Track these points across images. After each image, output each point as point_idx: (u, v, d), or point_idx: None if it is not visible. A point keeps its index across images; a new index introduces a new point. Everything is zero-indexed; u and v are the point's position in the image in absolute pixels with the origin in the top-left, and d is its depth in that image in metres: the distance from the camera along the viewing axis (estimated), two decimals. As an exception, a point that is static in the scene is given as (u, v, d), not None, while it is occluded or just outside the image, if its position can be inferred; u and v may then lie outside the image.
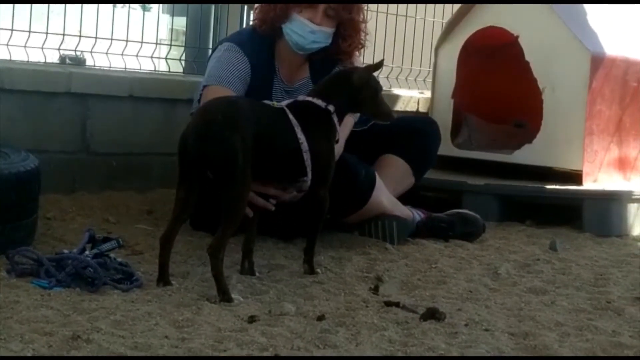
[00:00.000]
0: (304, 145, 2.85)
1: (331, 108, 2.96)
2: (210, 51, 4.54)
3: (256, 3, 3.63)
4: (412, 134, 3.92)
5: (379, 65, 3.11)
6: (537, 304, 2.80)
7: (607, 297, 2.91)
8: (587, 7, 4.84)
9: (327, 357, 2.19)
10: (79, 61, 4.84)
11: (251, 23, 3.78)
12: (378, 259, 3.36)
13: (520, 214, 4.35)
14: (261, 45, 3.61)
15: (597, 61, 4.51)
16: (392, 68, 5.43)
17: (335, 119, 2.97)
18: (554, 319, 2.60)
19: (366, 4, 4.08)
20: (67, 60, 5.16)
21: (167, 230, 2.77)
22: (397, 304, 2.65)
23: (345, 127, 3.43)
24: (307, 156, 2.86)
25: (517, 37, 4.71)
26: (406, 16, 5.55)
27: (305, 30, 3.51)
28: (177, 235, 2.80)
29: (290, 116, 2.87)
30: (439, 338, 2.37)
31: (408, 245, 3.62)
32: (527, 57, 4.68)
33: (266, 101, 2.99)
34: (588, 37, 4.58)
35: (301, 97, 3.01)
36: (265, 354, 2.16)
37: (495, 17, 4.81)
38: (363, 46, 3.75)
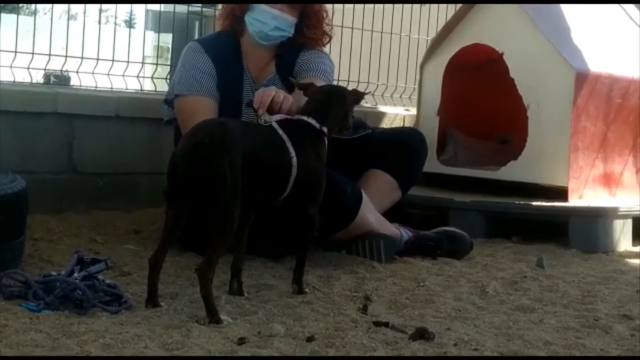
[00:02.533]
0: (294, 161, 2.86)
1: (325, 129, 2.98)
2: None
3: (251, 3, 3.63)
4: (399, 147, 3.92)
5: (366, 93, 3.15)
6: (525, 322, 2.81)
7: (594, 315, 2.92)
8: (571, 23, 4.87)
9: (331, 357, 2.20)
10: (64, 80, 4.85)
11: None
12: (366, 277, 3.36)
13: (507, 230, 4.37)
14: (226, 43, 3.66)
15: (582, 78, 4.54)
16: (377, 85, 5.46)
17: (326, 139, 2.99)
18: (542, 337, 2.61)
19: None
20: (52, 79, 5.18)
21: (156, 252, 2.77)
22: (386, 324, 2.66)
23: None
24: (294, 172, 2.87)
25: (502, 54, 4.74)
26: (391, 33, 5.57)
27: (267, 17, 3.56)
28: (165, 256, 2.79)
29: (280, 132, 2.89)
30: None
31: (396, 264, 3.63)
32: (512, 74, 4.70)
33: (259, 120, 3.00)
34: (572, 53, 4.62)
35: (296, 117, 3.02)
36: (256, 376, 2.16)
37: (480, 34, 4.84)
38: (329, 36, 3.76)
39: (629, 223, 4.22)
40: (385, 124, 5.18)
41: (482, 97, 5.08)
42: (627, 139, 4.81)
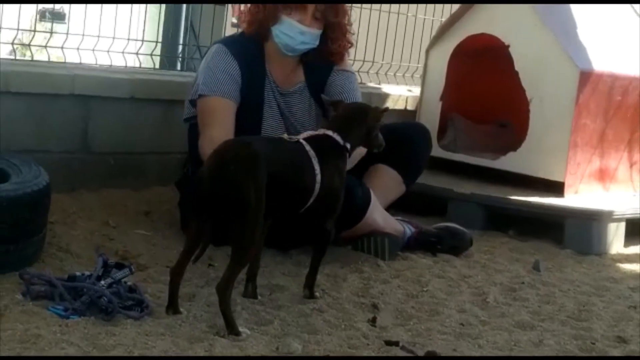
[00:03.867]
0: (318, 178, 2.98)
1: (348, 145, 3.09)
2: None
3: (249, 3, 3.71)
4: (404, 143, 4.02)
5: (386, 109, 3.24)
6: (526, 342, 2.96)
7: (591, 336, 3.07)
8: (577, 18, 4.96)
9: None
10: (60, 16, 4.92)
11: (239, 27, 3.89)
12: (371, 278, 3.50)
13: (504, 223, 4.51)
14: (250, 47, 3.73)
15: (585, 77, 4.65)
16: (381, 64, 5.54)
17: (347, 155, 3.11)
18: (543, 365, 2.77)
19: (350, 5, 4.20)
20: (47, 15, 5.24)
21: (177, 263, 2.88)
22: (396, 344, 2.80)
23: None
24: (317, 187, 2.99)
25: (508, 46, 4.83)
26: (398, 13, 5.63)
27: (295, 32, 3.64)
28: (186, 266, 2.91)
29: (308, 148, 3.00)
30: (438, 386, 2.52)
31: (399, 261, 3.77)
32: (517, 67, 4.80)
33: (283, 136, 3.11)
34: (577, 52, 4.71)
35: (321, 130, 3.12)
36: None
37: (488, 25, 4.92)
38: (352, 45, 3.88)
39: (622, 225, 4.37)
40: (389, 105, 5.26)
41: (485, 83, 5.19)
42: (623, 135, 4.94)
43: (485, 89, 5.20)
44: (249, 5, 3.77)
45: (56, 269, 3.18)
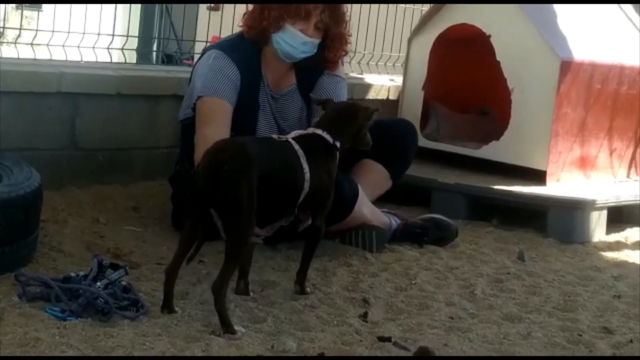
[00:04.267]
0: (307, 176, 3.03)
1: (337, 144, 3.13)
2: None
3: (250, 3, 3.74)
4: (391, 139, 4.08)
5: (377, 110, 3.28)
6: (515, 335, 3.02)
7: (577, 327, 3.14)
8: (558, 8, 5.02)
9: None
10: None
11: (239, 28, 3.89)
12: (360, 271, 3.56)
13: (488, 212, 4.58)
14: (249, 52, 3.75)
15: (566, 66, 4.71)
16: (363, 54, 5.58)
17: (337, 154, 3.15)
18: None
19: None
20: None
21: (172, 262, 2.92)
22: (389, 339, 2.86)
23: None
24: (306, 185, 3.04)
25: (489, 36, 4.89)
26: (380, 3, 5.68)
27: (297, 42, 3.67)
28: (181, 265, 2.95)
29: (297, 147, 3.04)
30: (432, 382, 2.59)
31: (386, 253, 3.82)
32: (498, 57, 4.86)
33: (273, 135, 3.15)
34: (558, 42, 4.77)
35: (310, 130, 3.16)
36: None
37: (469, 16, 4.98)
38: (346, 53, 3.92)
39: (604, 214, 4.44)
40: (371, 96, 5.32)
41: (466, 73, 5.25)
42: (603, 123, 5.01)
43: (467, 78, 5.26)
44: (254, 10, 3.77)
45: (50, 268, 3.21)
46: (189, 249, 2.91)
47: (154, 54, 6.42)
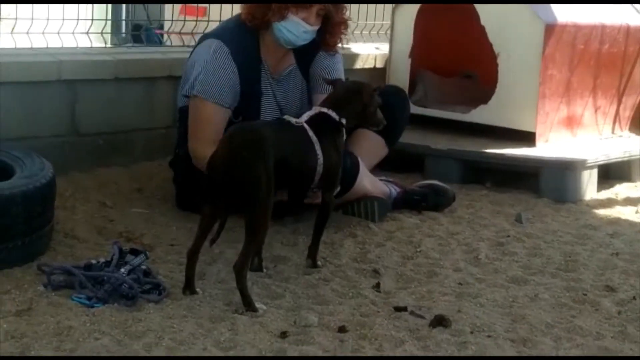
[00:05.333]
0: (320, 161, 3.13)
1: (343, 121, 3.23)
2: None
3: (248, 3, 3.79)
4: (384, 108, 4.17)
5: (380, 87, 3.38)
6: (523, 298, 3.15)
7: (581, 287, 3.27)
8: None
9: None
10: None
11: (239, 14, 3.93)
12: (366, 242, 3.66)
13: (481, 176, 4.70)
14: (248, 39, 3.81)
15: (550, 30, 4.81)
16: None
17: (344, 131, 3.25)
18: (543, 319, 2.95)
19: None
20: None
21: (193, 245, 3.01)
22: (405, 309, 2.97)
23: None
24: (320, 169, 3.15)
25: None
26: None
27: (299, 30, 3.74)
28: (201, 248, 3.04)
29: (311, 133, 3.14)
30: (451, 349, 2.70)
31: (388, 222, 3.93)
32: (483, 22, 4.95)
33: (286, 117, 3.23)
34: (541, 6, 4.86)
35: (317, 109, 3.25)
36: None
37: (453, -18, 5.05)
38: (345, 35, 4.00)
39: (594, 172, 4.57)
40: (359, 65, 5.40)
41: (452, 38, 5.33)
42: (587, 82, 5.12)
43: (452, 44, 5.35)
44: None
45: (68, 256, 3.30)
46: (208, 231, 3.00)
47: (123, 23, 6.47)
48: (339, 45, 3.99)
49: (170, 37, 4.98)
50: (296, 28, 3.73)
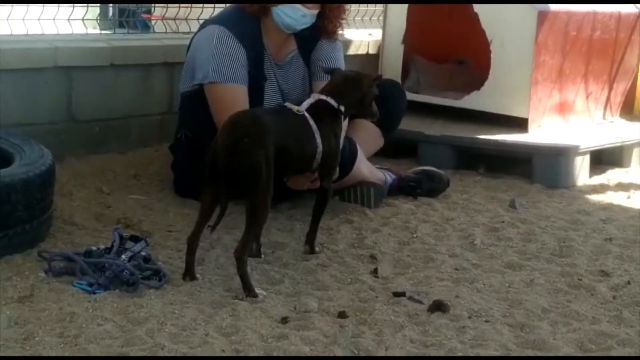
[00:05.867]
0: (319, 149, 3.16)
1: (342, 108, 3.26)
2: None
3: (249, 3, 3.81)
4: (382, 100, 4.19)
5: (379, 77, 3.40)
6: (519, 283, 3.18)
7: (576, 272, 3.31)
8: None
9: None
10: None
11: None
12: (362, 228, 3.70)
13: (474, 162, 4.73)
14: (249, 24, 3.82)
15: (543, 16, 4.84)
16: (341, 10, 5.65)
17: (343, 118, 3.28)
18: (539, 304, 2.99)
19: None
20: None
21: (194, 231, 3.04)
22: (403, 294, 3.01)
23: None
24: (319, 157, 3.19)
25: (466, -11, 5.01)
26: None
27: (298, 14, 3.76)
28: (201, 235, 3.07)
29: (311, 121, 3.17)
30: (450, 334, 2.73)
31: (384, 208, 3.97)
32: (476, 9, 4.98)
33: (287, 104, 3.25)
34: (534, -7, 4.91)
35: (316, 96, 3.28)
36: (315, 366, 2.51)
37: (446, -31, 5.08)
38: (344, 20, 4.03)
39: (587, 158, 4.60)
40: (352, 52, 5.42)
41: (445, 25, 5.36)
42: (579, 68, 5.16)
43: (445, 30, 5.37)
44: None
45: (67, 242, 3.32)
46: (208, 217, 3.03)
47: (110, 9, 6.46)
48: (339, 32, 4.01)
49: (166, 23, 4.98)
50: (294, 12, 3.75)
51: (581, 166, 4.56)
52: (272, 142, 2.95)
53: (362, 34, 5.62)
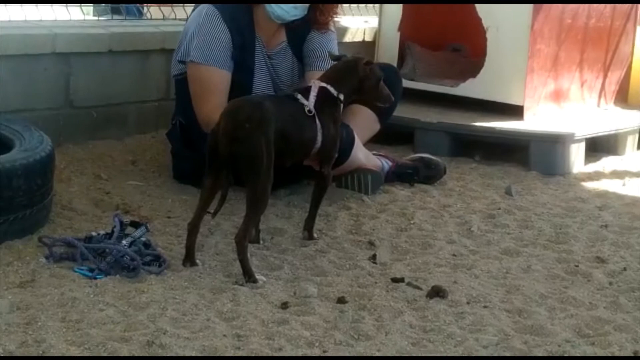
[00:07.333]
0: (319, 136, 3.19)
1: (341, 96, 3.27)
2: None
3: (241, 3, 3.83)
4: None
5: (370, 63, 3.41)
6: (516, 269, 3.21)
7: (573, 258, 3.34)
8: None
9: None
10: None
11: None
12: (360, 214, 3.72)
13: (470, 149, 4.76)
14: (242, 12, 3.84)
15: (539, 5, 4.85)
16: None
17: (341, 106, 3.30)
18: (537, 290, 3.02)
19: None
20: None
21: (194, 217, 3.06)
22: (402, 280, 3.03)
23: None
24: (318, 144, 3.22)
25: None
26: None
27: (289, 6, 3.77)
28: (201, 221, 3.09)
29: (310, 107, 3.19)
30: (449, 320, 2.76)
31: (381, 195, 3.99)
32: (472, -3, 5.01)
33: (294, 93, 3.27)
34: (530, -19, 4.92)
35: (317, 83, 3.29)
36: (315, 350, 2.52)
37: (443, -44, 5.09)
38: (337, 14, 4.04)
39: (582, 145, 4.63)
40: (348, 39, 5.43)
41: (441, 12, 5.37)
42: (574, 56, 5.18)
43: (441, 18, 5.39)
44: None
45: (67, 228, 3.33)
46: (209, 203, 3.05)
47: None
48: (332, 24, 4.02)
49: (160, 9, 4.98)
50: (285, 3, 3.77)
51: (577, 153, 4.59)
52: (272, 128, 2.97)
53: (358, 21, 5.63)
